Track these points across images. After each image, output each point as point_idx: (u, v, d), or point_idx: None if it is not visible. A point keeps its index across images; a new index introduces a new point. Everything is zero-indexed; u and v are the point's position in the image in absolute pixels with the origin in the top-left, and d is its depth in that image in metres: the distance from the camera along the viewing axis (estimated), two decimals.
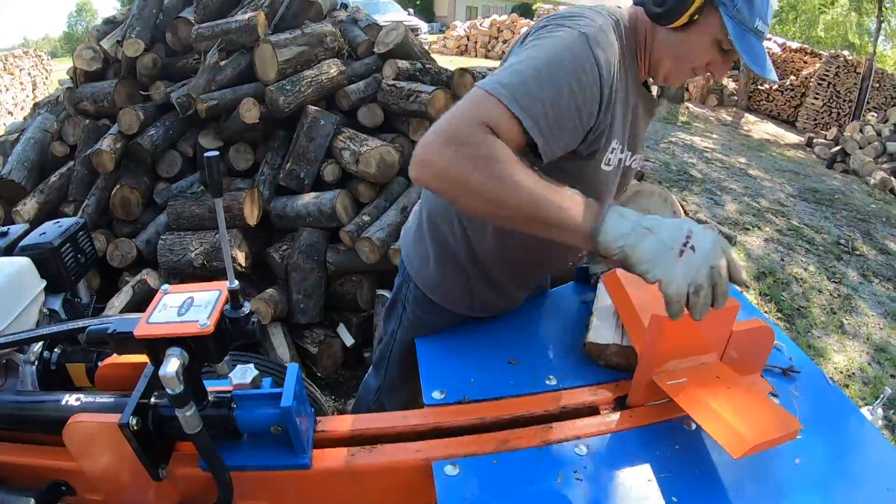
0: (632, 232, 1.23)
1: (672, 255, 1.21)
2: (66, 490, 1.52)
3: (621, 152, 1.63)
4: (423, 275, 1.97)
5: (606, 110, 1.46)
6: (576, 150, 1.50)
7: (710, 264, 1.20)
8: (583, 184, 1.41)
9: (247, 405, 1.33)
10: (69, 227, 2.34)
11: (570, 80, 1.35)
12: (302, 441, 1.33)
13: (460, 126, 1.29)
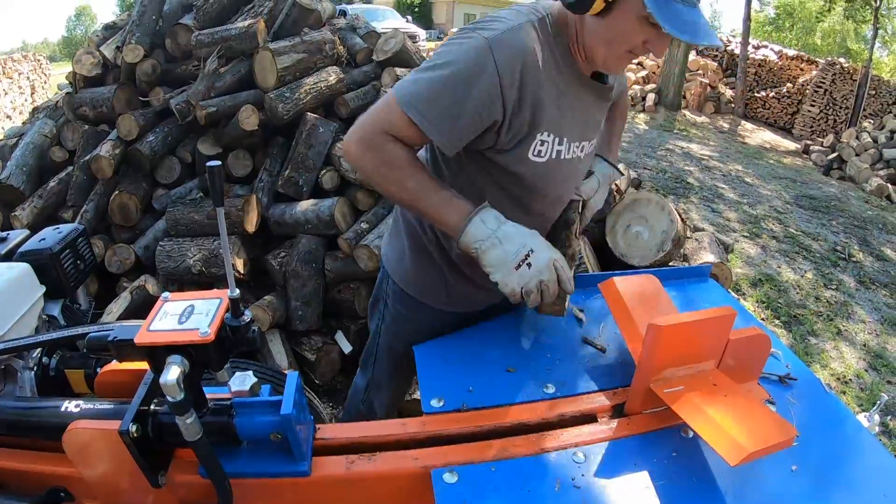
0: (486, 239, 1.51)
1: (510, 266, 1.51)
2: (64, 496, 1.51)
3: (559, 144, 1.67)
4: (399, 270, 2.04)
5: (518, 107, 1.55)
6: (497, 145, 1.63)
7: (540, 279, 1.51)
8: (516, 174, 1.68)
9: (247, 412, 1.33)
10: (69, 233, 2.34)
11: (467, 84, 1.49)
12: (301, 448, 1.34)
13: (370, 133, 1.59)
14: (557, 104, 1.62)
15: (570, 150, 1.72)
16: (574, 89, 1.65)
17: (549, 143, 1.65)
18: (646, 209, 3.72)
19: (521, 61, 1.51)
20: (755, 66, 19.11)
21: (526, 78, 1.53)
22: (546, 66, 1.56)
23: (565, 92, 1.63)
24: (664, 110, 15.89)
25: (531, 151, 1.64)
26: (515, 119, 1.57)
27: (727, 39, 20.68)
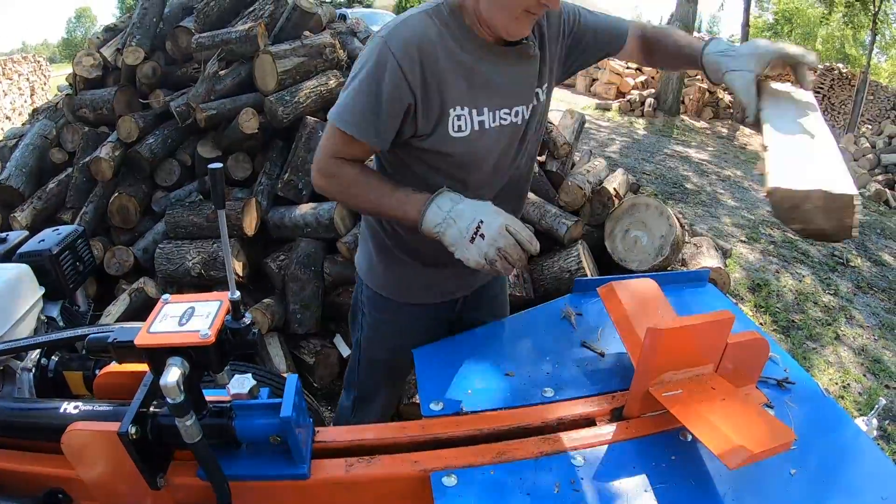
0: (443, 221, 1.60)
1: (466, 241, 1.57)
2: (62, 498, 1.51)
3: (479, 115, 1.73)
4: (372, 275, 2.10)
5: (425, 89, 1.65)
6: (418, 132, 1.71)
7: (497, 247, 1.54)
8: (445, 153, 1.75)
9: (246, 415, 1.33)
10: (68, 234, 2.34)
11: (377, 81, 1.62)
12: (301, 451, 1.34)
13: (324, 162, 1.75)
14: (466, 79, 1.69)
15: (495, 118, 1.76)
16: (485, 62, 1.71)
17: (466, 116, 1.72)
18: (645, 214, 3.73)
19: (417, 46, 1.61)
20: None
21: (425, 61, 1.62)
22: (445, 46, 1.65)
23: (473, 66, 1.69)
24: (663, 115, 15.92)
25: (451, 128, 1.71)
26: (426, 100, 1.66)
27: None
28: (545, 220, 3.82)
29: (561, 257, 3.66)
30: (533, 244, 1.58)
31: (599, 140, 12.25)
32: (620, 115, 15.94)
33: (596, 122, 14.13)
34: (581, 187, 3.88)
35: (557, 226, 3.75)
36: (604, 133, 13.12)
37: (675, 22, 16.21)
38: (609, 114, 15.93)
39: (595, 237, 3.97)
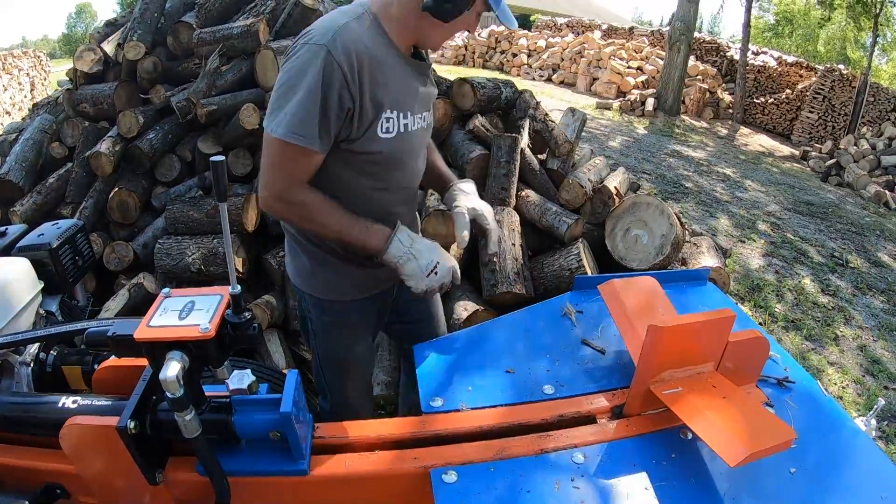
0: (403, 255, 1.85)
1: (423, 274, 1.85)
2: (60, 493, 1.51)
3: (404, 118, 1.87)
4: (312, 283, 2.12)
5: (361, 93, 1.72)
6: (351, 134, 1.78)
7: (441, 282, 1.88)
8: (372, 154, 1.83)
9: (246, 410, 1.33)
10: (68, 228, 2.34)
11: (324, 89, 1.66)
12: (300, 447, 1.33)
13: (280, 188, 1.76)
14: (392, 83, 1.80)
15: (414, 122, 1.92)
16: (400, 68, 1.84)
17: (395, 119, 1.83)
18: (645, 213, 3.72)
19: (355, 52, 1.68)
20: (754, 73, 19.13)
21: (362, 66, 1.70)
22: (376, 51, 1.74)
23: (395, 71, 1.81)
24: (663, 115, 15.92)
25: (380, 130, 1.80)
26: (362, 104, 1.74)
27: (727, 45, 20.71)
28: (546, 218, 3.81)
29: (561, 255, 3.65)
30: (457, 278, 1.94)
31: (600, 139, 12.25)
32: (621, 114, 15.94)
33: (596, 122, 14.12)
34: (582, 185, 3.87)
35: (558, 224, 3.74)
36: (604, 132, 13.12)
37: (676, 22, 16.20)
38: (609, 113, 15.93)
39: (595, 236, 3.96)
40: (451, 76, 4.59)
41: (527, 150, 4.06)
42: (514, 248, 3.53)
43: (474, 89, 4.14)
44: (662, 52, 17.71)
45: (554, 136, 4.16)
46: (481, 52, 23.23)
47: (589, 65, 19.14)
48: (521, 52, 21.96)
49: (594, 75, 18.92)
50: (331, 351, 2.24)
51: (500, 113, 4.66)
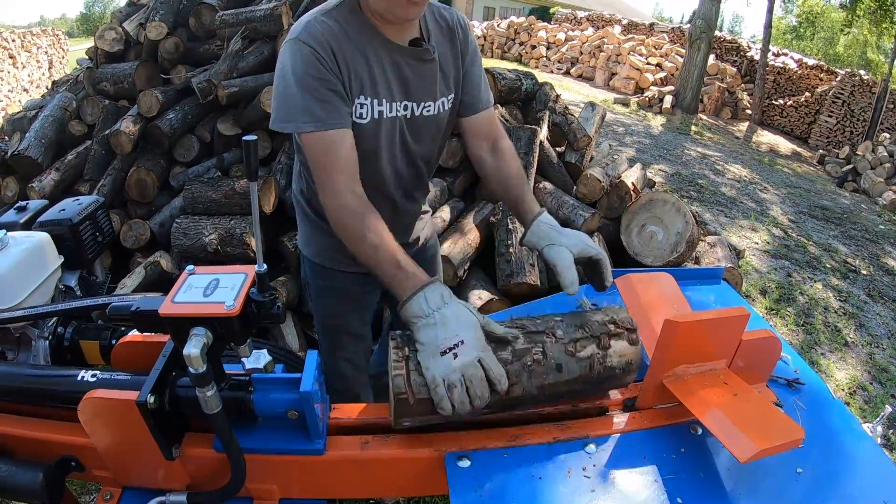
0: (424, 317, 1.46)
1: (437, 351, 1.39)
2: (75, 466, 1.52)
3: (378, 105, 1.86)
4: (309, 248, 2.26)
5: (341, 71, 1.76)
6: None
7: (463, 373, 1.35)
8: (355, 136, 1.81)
9: (265, 388, 1.35)
10: (89, 204, 2.36)
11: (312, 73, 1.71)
12: (318, 427, 1.35)
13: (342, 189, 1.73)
14: (368, 71, 1.82)
15: (392, 108, 1.89)
16: (386, 57, 1.85)
17: (368, 105, 1.84)
18: (661, 210, 3.73)
19: (326, 41, 1.73)
20: (774, 74, 19.02)
21: (336, 51, 1.74)
22: (351, 39, 1.78)
23: (375, 60, 1.82)
24: (681, 113, 15.85)
25: (354, 114, 1.82)
26: (344, 83, 1.77)
27: (747, 45, 20.59)
28: (562, 211, 3.82)
29: None
30: (502, 382, 1.39)
31: (616, 135, 12.21)
32: (638, 110, 15.88)
33: (613, 117, 14.08)
34: (600, 180, 3.88)
35: (574, 217, 3.75)
36: (621, 128, 13.08)
37: (697, 19, 16.12)
38: (627, 109, 15.87)
39: (611, 230, 3.97)
40: None
41: (545, 142, 4.07)
42: None
43: (495, 80, 4.16)
44: (682, 50, 17.63)
45: (573, 130, 4.17)
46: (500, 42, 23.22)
47: (608, 59, 19.08)
48: (539, 45, 21.93)
49: (613, 70, 18.86)
50: (324, 316, 2.36)
51: (519, 104, 4.67)
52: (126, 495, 1.47)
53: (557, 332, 1.41)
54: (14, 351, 2.00)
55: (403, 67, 1.88)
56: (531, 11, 33.47)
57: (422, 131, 2.03)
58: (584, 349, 1.42)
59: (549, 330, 1.40)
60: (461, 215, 4.01)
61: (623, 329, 1.45)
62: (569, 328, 1.43)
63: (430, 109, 1.98)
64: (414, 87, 1.92)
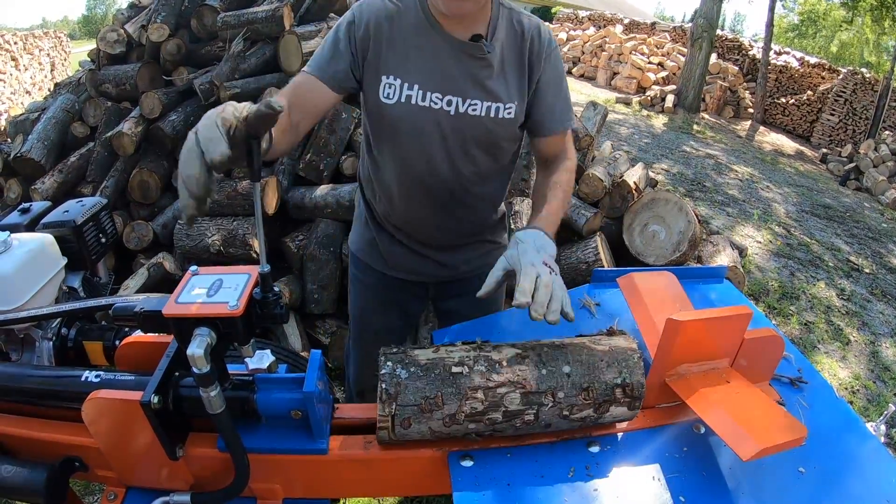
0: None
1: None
2: (79, 466, 1.52)
3: (408, 88, 1.86)
4: (352, 238, 2.38)
5: (366, 46, 1.85)
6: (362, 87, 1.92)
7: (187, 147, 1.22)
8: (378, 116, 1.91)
9: (269, 388, 1.35)
10: (92, 206, 2.36)
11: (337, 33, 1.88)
12: (321, 426, 1.35)
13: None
14: (404, 54, 1.85)
15: (425, 97, 1.86)
16: (431, 46, 1.86)
17: (396, 86, 1.86)
18: (664, 209, 3.73)
19: (375, 15, 1.84)
20: (776, 72, 18.99)
21: (373, 27, 1.84)
22: (397, 23, 1.85)
23: (416, 45, 1.85)
24: (683, 112, 15.84)
25: (381, 93, 1.87)
26: (370, 59, 1.86)
27: (749, 44, 20.56)
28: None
29: (579, 248, 3.66)
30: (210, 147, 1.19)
31: (618, 134, 12.21)
32: (640, 109, 15.87)
33: (615, 116, 14.07)
34: (601, 179, 3.88)
35: (576, 216, 3.75)
36: (623, 127, 13.08)
37: (698, 18, 16.10)
38: (629, 108, 15.86)
39: (613, 230, 3.97)
40: None
41: None
42: None
43: None
44: (684, 49, 17.60)
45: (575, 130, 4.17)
46: None
47: (609, 59, 19.06)
48: None
49: (615, 70, 18.84)
50: (351, 306, 2.47)
51: None
52: (130, 495, 1.48)
53: (559, 393, 1.31)
54: (18, 352, 2.00)
55: (446, 59, 1.85)
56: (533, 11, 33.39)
57: (471, 131, 1.93)
58: (580, 412, 1.34)
59: (551, 390, 1.30)
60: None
61: (630, 397, 1.36)
62: (572, 390, 1.32)
63: (476, 109, 1.89)
64: (456, 80, 1.87)
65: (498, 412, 1.29)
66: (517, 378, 1.30)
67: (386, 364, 1.30)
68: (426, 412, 1.27)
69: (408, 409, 1.26)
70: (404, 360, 1.31)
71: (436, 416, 1.27)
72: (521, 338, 1.69)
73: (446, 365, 1.30)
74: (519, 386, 1.30)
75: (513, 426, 1.31)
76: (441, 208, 2.05)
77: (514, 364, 1.32)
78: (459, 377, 1.28)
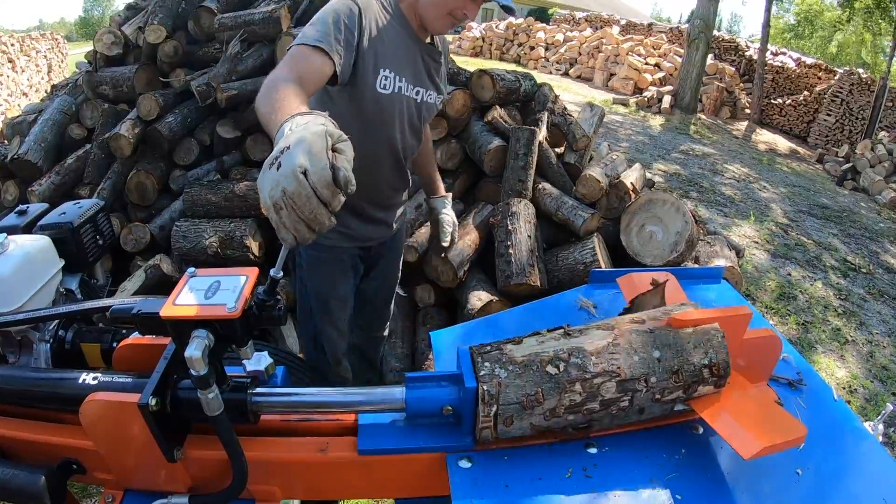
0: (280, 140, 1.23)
1: (267, 165, 1.17)
2: (77, 468, 1.52)
3: (399, 81, 2.23)
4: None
5: (369, 39, 2.08)
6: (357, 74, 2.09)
7: (282, 187, 1.11)
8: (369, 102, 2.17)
9: (421, 386, 1.36)
10: (89, 208, 2.35)
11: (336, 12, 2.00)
12: (473, 422, 1.34)
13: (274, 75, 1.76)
14: (395, 49, 2.19)
15: (408, 88, 2.28)
16: (409, 44, 2.26)
17: (391, 78, 2.19)
18: (661, 209, 3.72)
19: (374, 9, 2.11)
20: (773, 73, 19.04)
21: (372, 22, 2.09)
22: (387, 22, 2.16)
23: (401, 43, 2.22)
24: (680, 113, 15.86)
25: (378, 84, 2.16)
26: (368, 49, 2.08)
27: (745, 44, 20.60)
28: (562, 212, 3.82)
29: (576, 249, 3.66)
30: (334, 203, 1.15)
31: (615, 135, 12.22)
32: (637, 110, 15.89)
33: (612, 117, 14.09)
34: (599, 180, 3.88)
35: (574, 217, 3.75)
36: (620, 128, 13.09)
37: (695, 19, 16.13)
38: (626, 109, 15.88)
39: (610, 230, 3.97)
40: (469, 67, 4.60)
41: (544, 143, 4.08)
42: (529, 240, 3.55)
43: (494, 81, 4.16)
44: (681, 50, 17.64)
45: (572, 130, 4.18)
46: (499, 44, 23.24)
47: (606, 60, 19.09)
48: (538, 46, 21.95)
49: (611, 71, 18.87)
50: (317, 284, 2.59)
51: (518, 105, 4.68)
52: (128, 498, 1.47)
53: (651, 378, 1.33)
54: (15, 354, 2.00)
55: (419, 59, 2.32)
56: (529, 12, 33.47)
57: (423, 114, 2.45)
58: (671, 395, 1.37)
59: (644, 376, 1.32)
60: (461, 216, 4.02)
61: (717, 376, 1.38)
62: (663, 374, 1.35)
63: (430, 97, 2.42)
64: (422, 74, 2.35)
65: (595, 402, 1.31)
66: (612, 367, 1.32)
67: (483, 365, 1.30)
68: (527, 409, 1.28)
69: (510, 407, 1.27)
70: (501, 359, 1.31)
71: (537, 412, 1.29)
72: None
73: (543, 361, 1.31)
74: (614, 375, 1.32)
75: (609, 414, 1.33)
76: (392, 170, 2.48)
77: (607, 353, 1.34)
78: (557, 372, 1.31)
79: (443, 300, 3.91)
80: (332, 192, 1.13)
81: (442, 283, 3.63)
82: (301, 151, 1.12)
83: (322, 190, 1.11)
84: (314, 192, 1.11)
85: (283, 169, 1.11)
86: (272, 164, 1.14)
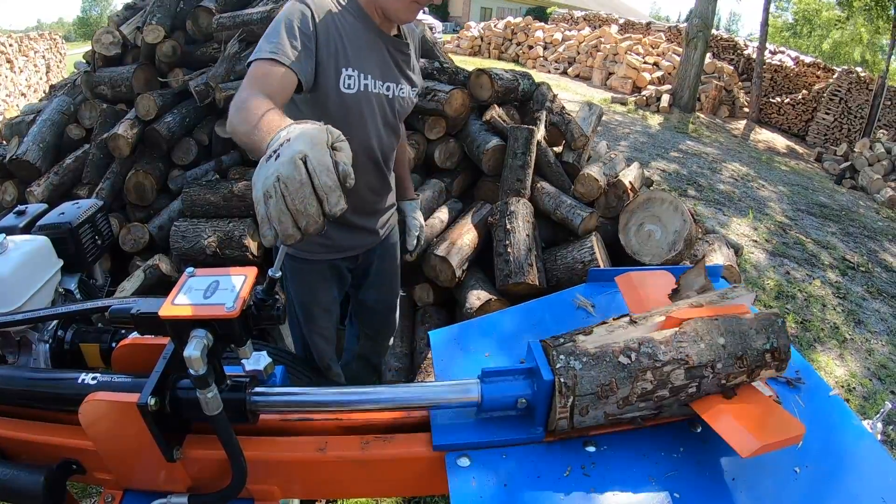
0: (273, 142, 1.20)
1: (264, 159, 1.16)
2: (76, 468, 1.52)
3: (364, 78, 2.15)
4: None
5: (328, 41, 2.01)
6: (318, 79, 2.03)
7: (278, 174, 1.09)
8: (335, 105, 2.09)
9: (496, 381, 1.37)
10: (88, 208, 2.35)
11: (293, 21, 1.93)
12: (544, 415, 1.36)
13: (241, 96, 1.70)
14: (357, 47, 2.11)
15: (375, 85, 2.21)
16: (371, 38, 2.17)
17: (355, 76, 2.11)
18: (659, 208, 3.73)
19: (323, 8, 2.01)
20: (771, 72, 19.05)
21: (328, 21, 2.02)
22: (343, 17, 2.07)
23: (363, 39, 2.13)
24: (678, 112, 15.87)
25: (342, 84, 2.08)
26: (326, 51, 2.01)
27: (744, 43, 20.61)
28: (560, 211, 3.82)
29: (575, 248, 3.66)
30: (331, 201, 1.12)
31: (614, 134, 12.23)
32: (636, 109, 15.89)
33: (611, 116, 14.09)
34: (597, 179, 3.88)
35: (572, 216, 3.75)
36: (618, 127, 13.09)
37: (693, 18, 16.14)
38: (624, 108, 15.88)
39: (609, 230, 3.97)
40: (468, 67, 4.60)
41: (543, 142, 4.07)
42: (527, 240, 3.54)
43: (492, 80, 4.16)
44: (679, 49, 17.66)
45: (570, 129, 4.17)
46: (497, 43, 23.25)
47: (605, 59, 19.10)
48: (537, 45, 21.97)
49: (610, 70, 18.88)
50: (299, 293, 2.58)
51: (517, 104, 4.67)
52: (127, 498, 1.47)
53: (718, 364, 1.37)
54: (14, 354, 2.00)
55: (385, 53, 2.24)
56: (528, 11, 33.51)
57: (397, 109, 2.36)
58: (735, 379, 1.40)
59: (710, 363, 1.36)
60: (459, 216, 4.02)
61: (779, 360, 1.43)
62: (728, 360, 1.38)
63: (403, 92, 2.35)
64: (391, 69, 2.28)
65: (665, 389, 1.34)
66: (680, 355, 1.35)
67: (559, 358, 1.32)
68: (602, 398, 1.31)
69: (586, 398, 1.30)
70: (574, 351, 1.34)
71: (611, 401, 1.32)
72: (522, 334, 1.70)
73: (615, 352, 1.34)
74: (682, 362, 1.35)
75: (678, 400, 1.36)
76: (384, 165, 2.44)
77: (675, 342, 1.37)
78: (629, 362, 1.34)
79: (441, 299, 3.90)
80: (332, 180, 1.11)
81: (440, 282, 3.63)
82: (302, 141, 1.12)
83: (322, 176, 1.09)
84: (311, 180, 1.09)
85: (281, 157, 1.10)
86: (270, 156, 1.13)
